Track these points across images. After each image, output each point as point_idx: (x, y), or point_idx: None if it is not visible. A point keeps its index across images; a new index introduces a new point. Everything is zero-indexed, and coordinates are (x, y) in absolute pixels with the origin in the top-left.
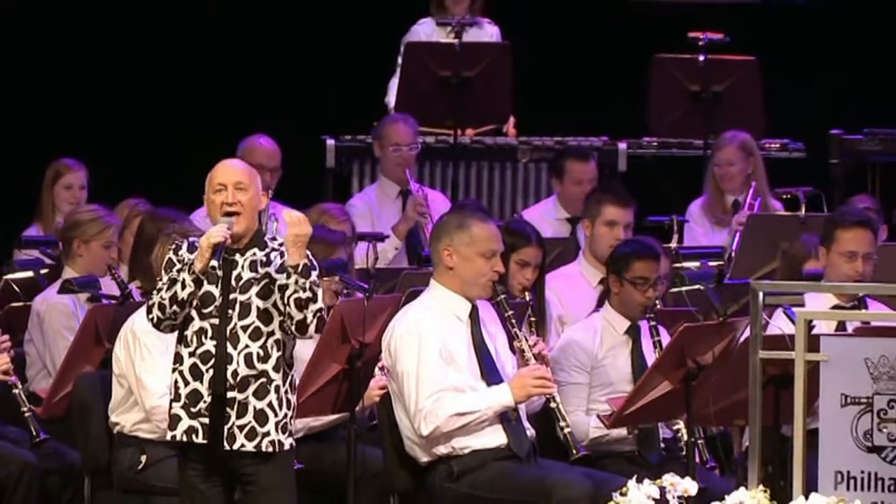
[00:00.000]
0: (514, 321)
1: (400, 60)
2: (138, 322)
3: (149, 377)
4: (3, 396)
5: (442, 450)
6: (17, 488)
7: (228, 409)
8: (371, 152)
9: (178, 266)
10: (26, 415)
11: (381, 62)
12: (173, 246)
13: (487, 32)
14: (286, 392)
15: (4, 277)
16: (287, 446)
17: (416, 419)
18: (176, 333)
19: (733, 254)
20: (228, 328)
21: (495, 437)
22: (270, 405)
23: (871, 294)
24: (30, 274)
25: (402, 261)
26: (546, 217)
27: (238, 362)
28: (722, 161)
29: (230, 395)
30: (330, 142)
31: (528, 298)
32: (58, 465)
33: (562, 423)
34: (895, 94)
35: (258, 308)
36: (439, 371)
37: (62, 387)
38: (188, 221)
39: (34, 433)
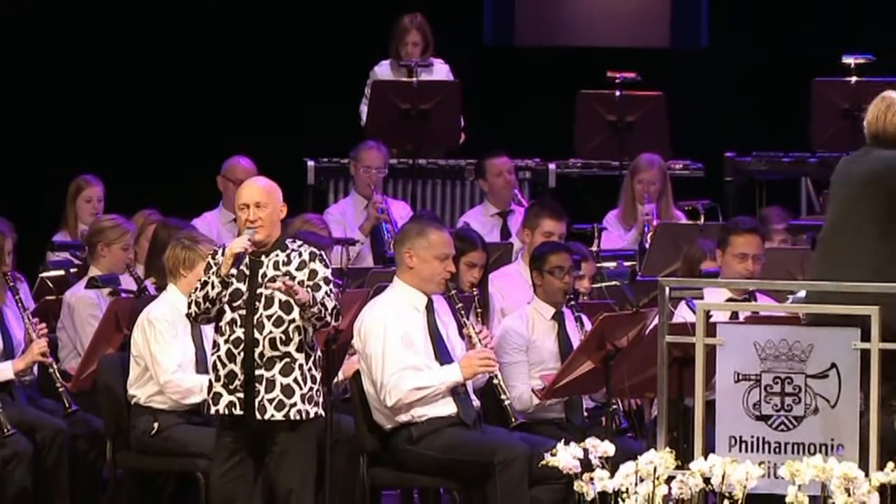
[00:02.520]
0: (463, 312)
1: (367, 90)
2: (153, 311)
3: (162, 357)
4: (40, 374)
5: (403, 418)
6: (51, 449)
7: (258, 385)
8: (345, 172)
9: (213, 269)
10: (60, 389)
11: (352, 98)
12: (211, 252)
13: (440, 70)
14: (310, 369)
15: (40, 276)
16: (312, 415)
17: (381, 392)
18: (187, 325)
19: (646, 244)
20: (255, 317)
21: (447, 408)
22: (295, 380)
23: (760, 289)
24: (61, 272)
25: (368, 261)
26: (480, 216)
27: (264, 345)
28: (644, 179)
29: (258, 372)
30: (310, 163)
31: (475, 293)
32: (85, 430)
33: (503, 397)
34: (778, 124)
35: (280, 300)
36: (401, 353)
37: (88, 366)
38: (193, 228)
39: (67, 405)
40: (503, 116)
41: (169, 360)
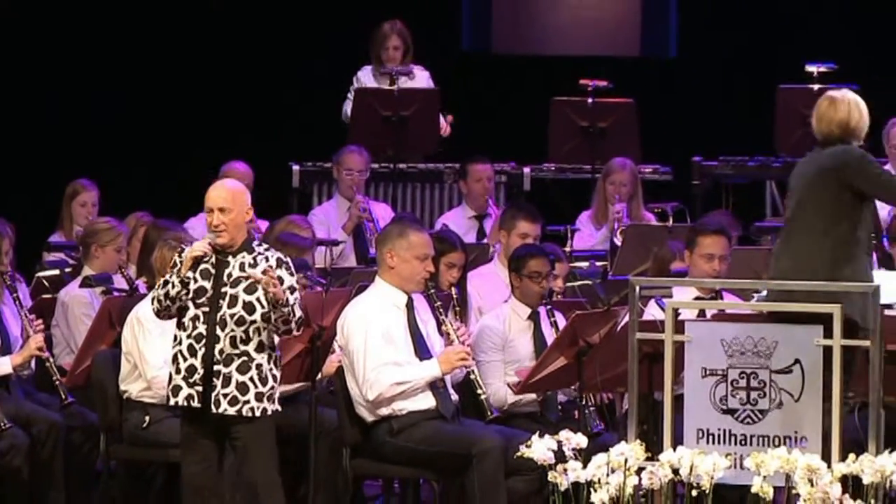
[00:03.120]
0: (441, 310)
1: (350, 93)
2: (142, 310)
3: (149, 354)
4: (37, 369)
5: (384, 411)
6: (46, 442)
7: (215, 380)
8: (328, 175)
9: (175, 269)
10: (56, 383)
11: (335, 105)
12: (179, 249)
13: (420, 77)
14: (271, 369)
15: (37, 275)
16: (266, 412)
17: (363, 387)
18: (174, 320)
19: (616, 240)
20: (218, 315)
21: (426, 401)
22: (251, 379)
23: (726, 287)
24: (56, 272)
25: (351, 260)
26: (458, 218)
27: (224, 343)
28: (616, 181)
29: (216, 368)
30: (295, 167)
31: (453, 292)
32: (79, 423)
33: (479, 391)
34: (743, 129)
35: (243, 301)
36: (382, 349)
37: (82, 362)
38: (183, 230)
39: (63, 396)
40: (480, 121)
41: (155, 357)
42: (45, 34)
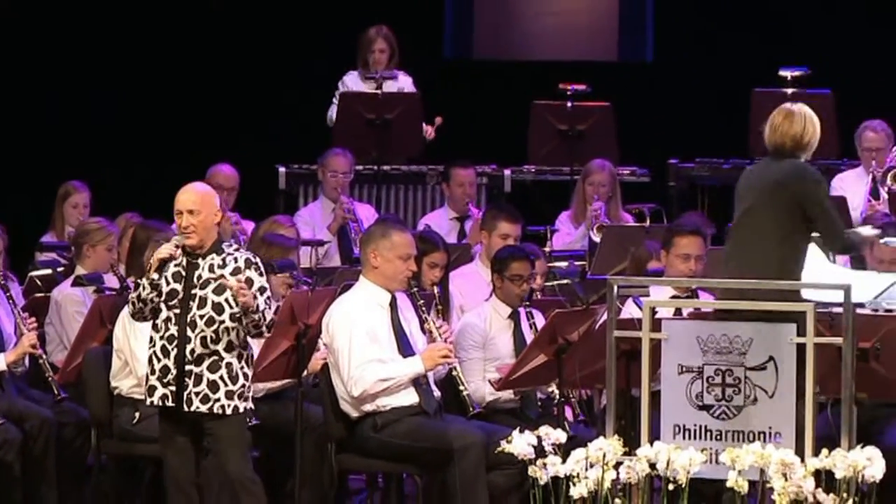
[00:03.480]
0: (424, 309)
1: (336, 97)
2: None
3: (140, 352)
4: (31, 366)
5: (368, 407)
6: (38, 437)
7: (187, 380)
8: (313, 177)
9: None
10: (49, 379)
11: (320, 109)
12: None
13: (404, 82)
14: (241, 367)
15: (30, 274)
16: (233, 410)
17: (348, 384)
18: (141, 322)
19: (594, 237)
20: (188, 316)
21: (410, 398)
22: (221, 377)
23: (702, 287)
24: (49, 271)
25: (336, 260)
26: (440, 219)
27: (195, 343)
28: (595, 181)
29: (187, 368)
30: (282, 169)
31: (435, 291)
32: (71, 419)
33: (461, 388)
34: (719, 132)
35: (213, 302)
36: (366, 346)
37: (74, 359)
38: (171, 230)
39: (56, 392)
40: (462, 125)
41: (146, 355)
42: (38, 37)
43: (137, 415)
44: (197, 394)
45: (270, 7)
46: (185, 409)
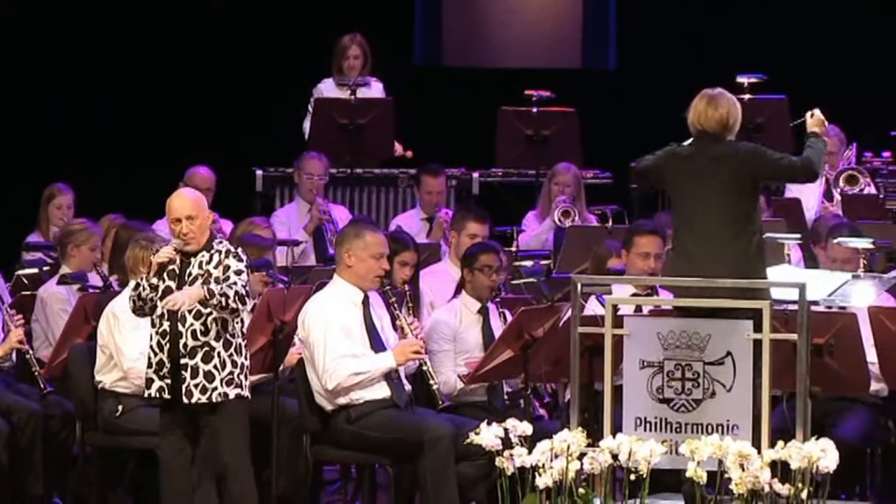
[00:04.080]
0: (396, 306)
1: (311, 107)
2: (117, 305)
3: (125, 346)
4: (18, 361)
5: (342, 400)
6: (25, 430)
7: (184, 373)
8: (289, 180)
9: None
10: (36, 374)
11: (295, 114)
12: (153, 250)
13: (376, 88)
14: (230, 355)
15: (16, 273)
16: (233, 396)
17: (323, 377)
18: (148, 318)
19: (558, 221)
20: (178, 311)
21: (382, 391)
22: (215, 366)
23: (661, 285)
24: (35, 270)
25: (312, 259)
26: (411, 220)
27: (187, 337)
28: (561, 182)
29: (183, 361)
30: (259, 172)
31: (406, 289)
32: (57, 412)
33: (431, 382)
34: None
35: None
36: (340, 342)
37: (60, 354)
38: (152, 230)
39: (42, 386)
40: (432, 129)
41: (131, 349)
42: (27, 41)
43: (121, 407)
44: (196, 385)
45: (246, 15)
46: (186, 401)
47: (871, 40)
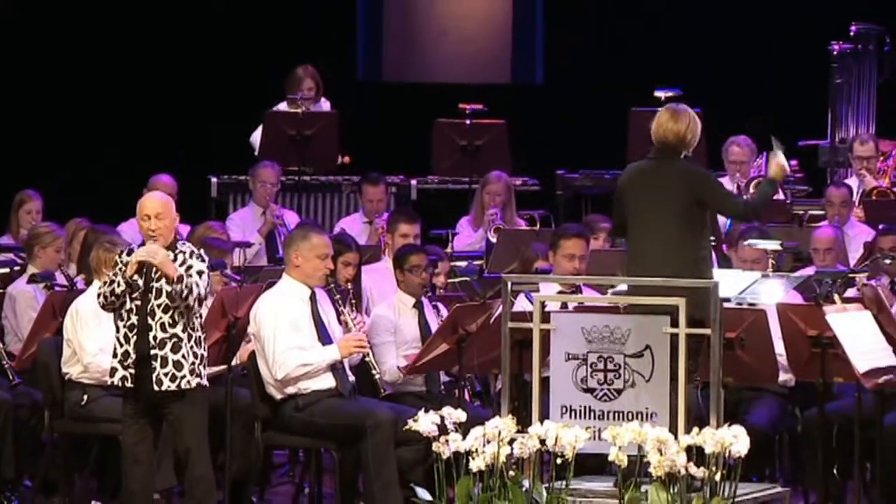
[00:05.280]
0: (340, 302)
1: (262, 125)
2: (80, 303)
3: (86, 342)
4: None
5: (291, 390)
6: None
7: (153, 363)
8: (243, 186)
9: (119, 268)
10: (6, 366)
11: (248, 126)
12: (124, 250)
13: (322, 103)
14: (192, 347)
15: None
16: (195, 385)
17: (273, 368)
18: (111, 314)
19: (491, 238)
20: (148, 307)
21: (327, 381)
22: (183, 356)
23: (586, 283)
24: (6, 270)
25: (264, 260)
26: (354, 223)
27: (156, 329)
28: (492, 191)
29: (153, 352)
30: (213, 179)
31: (350, 287)
32: (26, 401)
33: (373, 372)
34: (600, 146)
35: (166, 291)
36: (289, 335)
37: (29, 348)
38: (116, 233)
39: (11, 378)
40: (373, 140)
41: (92, 345)
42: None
43: (86, 397)
44: (166, 374)
45: (195, 34)
46: (157, 389)
47: (782, 57)
